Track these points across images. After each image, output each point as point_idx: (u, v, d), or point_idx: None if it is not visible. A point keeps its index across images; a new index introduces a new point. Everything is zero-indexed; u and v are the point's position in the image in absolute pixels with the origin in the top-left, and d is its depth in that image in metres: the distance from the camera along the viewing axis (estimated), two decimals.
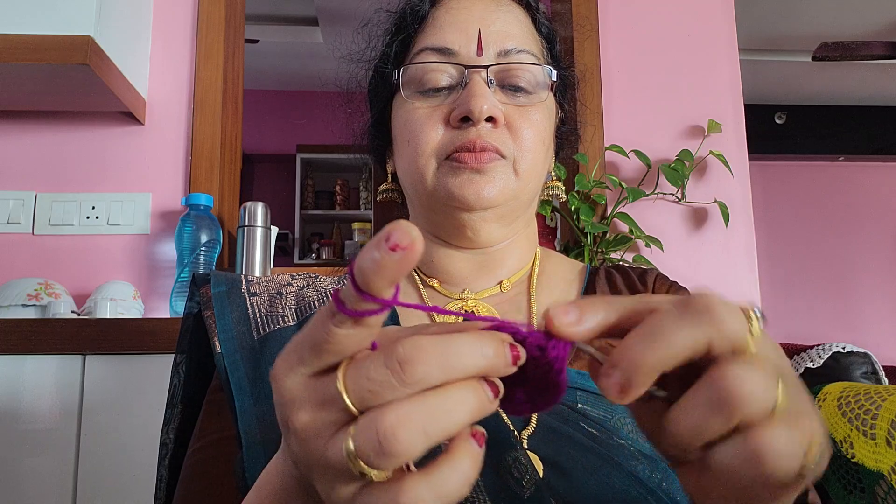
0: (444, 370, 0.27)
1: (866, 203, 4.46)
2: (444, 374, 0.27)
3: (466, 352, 0.28)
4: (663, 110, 1.75)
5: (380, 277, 0.26)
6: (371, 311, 0.27)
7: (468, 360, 0.28)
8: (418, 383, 0.27)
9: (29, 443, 1.11)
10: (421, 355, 0.27)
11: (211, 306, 0.60)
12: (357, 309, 0.27)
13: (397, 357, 0.27)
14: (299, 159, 4.14)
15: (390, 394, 0.27)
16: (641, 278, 0.69)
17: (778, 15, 3.23)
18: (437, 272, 0.66)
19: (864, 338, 4.13)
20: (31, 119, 1.63)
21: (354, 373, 0.28)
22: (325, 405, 0.29)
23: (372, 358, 0.28)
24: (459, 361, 0.28)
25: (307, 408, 0.29)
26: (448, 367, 0.27)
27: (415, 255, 0.26)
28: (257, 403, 0.53)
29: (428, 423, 0.27)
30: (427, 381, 0.27)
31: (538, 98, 0.63)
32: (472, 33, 0.62)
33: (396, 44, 0.66)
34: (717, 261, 1.69)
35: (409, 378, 0.27)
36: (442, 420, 0.27)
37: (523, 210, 0.65)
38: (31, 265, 1.55)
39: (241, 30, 1.82)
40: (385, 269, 0.26)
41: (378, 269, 0.26)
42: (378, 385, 0.27)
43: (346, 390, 0.28)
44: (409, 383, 0.27)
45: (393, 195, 0.72)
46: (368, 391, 0.27)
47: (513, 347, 0.29)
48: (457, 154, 0.59)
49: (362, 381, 0.27)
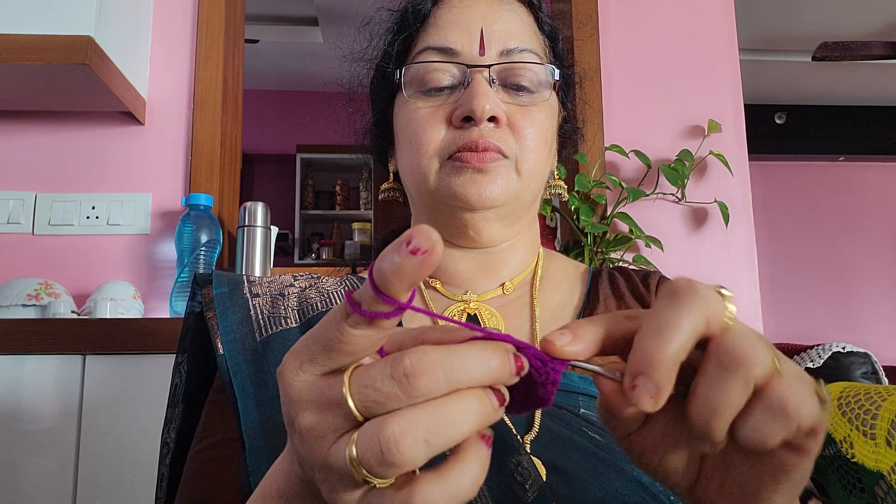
0: (449, 382, 0.28)
1: (866, 203, 4.46)
2: (449, 386, 0.28)
3: (472, 364, 0.28)
4: (663, 110, 1.75)
5: (398, 280, 0.27)
6: (387, 313, 0.28)
7: (474, 371, 0.28)
8: (423, 396, 0.27)
9: (29, 443, 1.11)
10: (427, 368, 0.27)
11: (213, 307, 0.60)
12: (373, 311, 0.28)
13: (404, 369, 0.27)
14: (299, 159, 4.14)
15: (395, 405, 0.27)
16: (644, 280, 0.69)
17: (778, 15, 3.23)
18: (440, 273, 0.66)
19: (864, 338, 4.13)
20: (31, 119, 1.63)
21: (360, 380, 0.28)
22: (330, 408, 0.29)
23: (378, 367, 0.28)
24: (465, 374, 0.28)
25: (312, 409, 0.29)
26: (454, 379, 0.28)
27: (434, 260, 0.27)
28: (260, 406, 0.53)
29: (431, 434, 0.27)
30: (432, 394, 0.27)
31: (541, 97, 0.63)
32: (474, 32, 0.62)
33: (398, 43, 0.66)
34: (717, 261, 1.69)
35: (414, 391, 0.27)
36: (446, 430, 0.27)
37: (526, 210, 0.65)
38: (31, 265, 1.55)
39: (241, 30, 1.82)
40: (404, 273, 0.27)
41: (397, 272, 0.27)
42: (383, 396, 0.27)
43: (352, 396, 0.28)
44: (415, 396, 0.27)
45: (395, 195, 0.72)
46: (373, 401, 0.28)
47: (517, 358, 0.29)
48: (459, 154, 0.59)
49: (368, 391, 0.28)
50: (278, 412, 0.52)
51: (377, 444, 0.27)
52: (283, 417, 0.31)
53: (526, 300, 0.65)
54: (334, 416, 0.29)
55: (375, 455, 0.27)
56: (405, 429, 0.27)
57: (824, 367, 1.51)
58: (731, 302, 0.31)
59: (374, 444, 0.27)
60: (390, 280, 0.27)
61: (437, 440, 0.27)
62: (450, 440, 0.27)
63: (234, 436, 0.54)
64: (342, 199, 4.27)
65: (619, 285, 0.68)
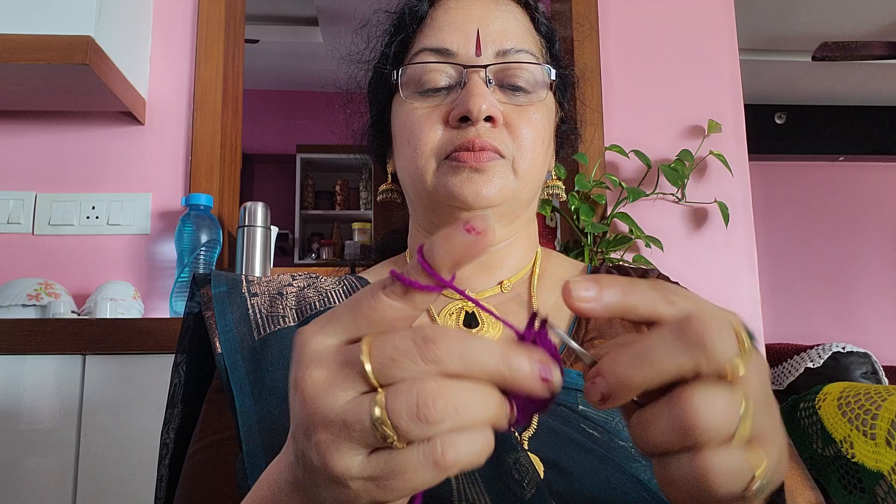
0: (463, 360, 0.28)
1: (866, 203, 4.46)
2: (462, 363, 0.28)
3: (489, 352, 0.28)
4: (663, 110, 1.75)
5: (447, 254, 0.28)
6: (425, 286, 0.28)
7: (490, 359, 0.28)
8: (437, 362, 0.28)
9: (29, 443, 1.11)
10: (445, 339, 0.28)
11: (212, 306, 0.60)
12: (415, 280, 0.28)
13: (423, 335, 0.28)
14: (299, 159, 4.14)
15: (410, 366, 0.28)
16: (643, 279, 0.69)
17: (778, 15, 3.23)
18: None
19: (864, 338, 4.13)
20: (31, 119, 1.63)
21: (380, 341, 0.29)
22: (343, 366, 0.29)
23: (399, 332, 0.29)
24: (481, 358, 0.28)
25: (324, 366, 0.29)
26: (468, 358, 0.28)
27: (486, 243, 0.27)
28: (258, 404, 0.53)
29: (459, 404, 0.27)
30: (445, 365, 0.28)
31: (537, 97, 0.63)
32: (470, 33, 0.62)
33: (395, 44, 0.66)
34: (717, 261, 1.69)
35: (430, 354, 0.27)
36: (471, 407, 0.28)
37: (523, 210, 0.65)
38: (31, 265, 1.55)
39: (241, 30, 1.82)
40: (454, 248, 0.28)
41: (448, 246, 0.28)
42: (400, 354, 0.28)
43: (369, 355, 0.28)
44: (430, 360, 0.27)
45: (393, 195, 0.72)
46: (390, 358, 0.28)
47: (543, 365, 0.29)
48: (456, 154, 0.59)
49: (386, 347, 0.28)
50: (276, 410, 0.52)
51: (413, 398, 0.27)
52: (280, 416, 0.31)
53: (524, 299, 0.65)
54: (346, 374, 0.29)
55: (410, 409, 0.27)
56: (442, 390, 0.27)
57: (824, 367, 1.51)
58: (748, 345, 0.30)
59: (410, 397, 0.27)
60: (438, 252, 0.28)
61: (465, 413, 0.27)
62: (472, 419, 0.28)
63: (231, 435, 0.54)
64: (342, 200, 4.27)
65: None
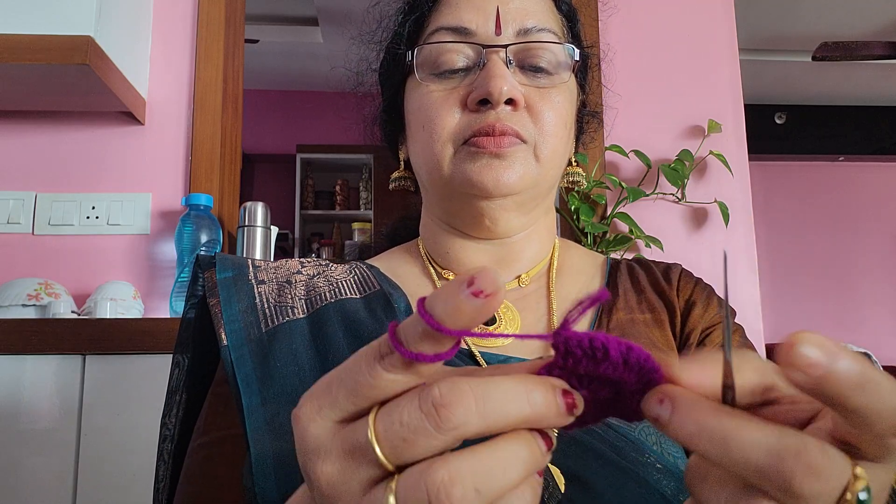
0: (484, 416, 0.25)
1: (866, 203, 4.46)
2: (483, 421, 0.25)
3: (510, 397, 0.25)
4: (663, 110, 1.75)
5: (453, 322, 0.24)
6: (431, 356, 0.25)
7: (512, 406, 0.25)
8: (455, 430, 0.24)
9: (29, 443, 1.11)
10: (458, 398, 0.24)
11: (217, 293, 0.56)
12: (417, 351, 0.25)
13: (433, 400, 0.25)
14: (299, 159, 4.14)
15: (425, 442, 0.25)
16: (665, 274, 0.66)
17: (778, 15, 3.23)
18: (453, 264, 0.63)
19: (864, 338, 4.13)
20: (31, 119, 1.63)
21: (386, 418, 0.25)
22: (353, 455, 0.26)
23: (405, 400, 0.25)
24: (502, 407, 0.25)
25: (333, 457, 0.27)
26: (488, 412, 0.25)
27: (495, 305, 0.24)
28: (265, 405, 0.50)
29: (480, 482, 0.24)
30: (465, 428, 0.25)
31: (560, 79, 0.60)
32: (489, 11, 0.59)
33: (410, 23, 0.63)
34: (717, 261, 1.69)
35: (445, 423, 0.24)
36: (496, 477, 0.24)
37: (543, 198, 0.62)
38: (31, 265, 1.55)
39: (241, 30, 1.82)
40: (461, 314, 0.24)
41: (453, 313, 0.24)
42: (412, 431, 0.25)
43: (378, 439, 0.25)
44: (446, 429, 0.24)
45: (406, 183, 0.68)
46: (402, 439, 0.25)
47: (566, 394, 0.26)
48: (475, 139, 0.56)
49: (395, 426, 0.25)
50: (284, 413, 0.49)
51: (423, 493, 0.24)
52: (289, 420, 0.29)
53: (543, 293, 0.62)
54: (358, 463, 0.26)
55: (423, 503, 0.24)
56: (454, 476, 0.24)
57: None
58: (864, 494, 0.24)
59: (419, 492, 0.24)
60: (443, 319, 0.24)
61: (488, 488, 0.24)
62: (501, 489, 0.25)
63: (237, 432, 0.51)
64: (342, 199, 4.27)
65: (640, 278, 0.65)
